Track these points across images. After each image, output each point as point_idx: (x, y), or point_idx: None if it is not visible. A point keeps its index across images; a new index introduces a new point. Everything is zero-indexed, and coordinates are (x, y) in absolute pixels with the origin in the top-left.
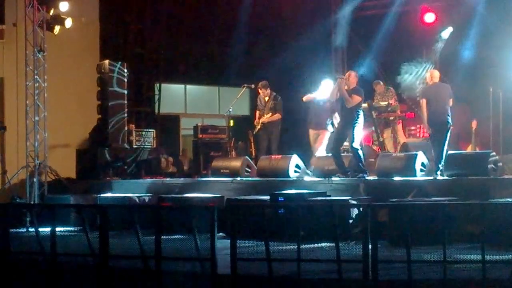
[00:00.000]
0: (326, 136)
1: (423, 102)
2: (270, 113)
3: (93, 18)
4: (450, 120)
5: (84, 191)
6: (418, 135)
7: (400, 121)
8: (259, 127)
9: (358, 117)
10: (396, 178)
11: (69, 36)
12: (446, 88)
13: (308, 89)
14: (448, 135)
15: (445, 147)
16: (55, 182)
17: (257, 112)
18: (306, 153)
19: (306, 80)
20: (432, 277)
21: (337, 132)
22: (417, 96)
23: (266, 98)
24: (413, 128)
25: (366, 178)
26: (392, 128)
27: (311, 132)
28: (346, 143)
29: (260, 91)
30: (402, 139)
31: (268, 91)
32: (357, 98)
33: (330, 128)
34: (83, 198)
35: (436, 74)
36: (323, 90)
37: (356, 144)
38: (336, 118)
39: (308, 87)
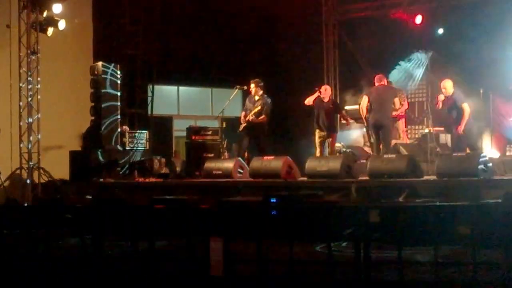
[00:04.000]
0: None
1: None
2: (258, 108)
3: (87, 20)
4: None
5: (77, 192)
6: (409, 136)
7: (403, 120)
8: (244, 125)
9: None
10: (388, 179)
11: (63, 38)
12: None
13: (303, 92)
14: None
15: None
16: (49, 183)
17: (243, 113)
18: (299, 154)
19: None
20: (424, 278)
21: None
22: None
23: (256, 97)
24: (404, 129)
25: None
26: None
27: (318, 133)
28: (338, 145)
29: (252, 86)
30: (405, 138)
31: (261, 92)
32: None
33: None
34: (77, 200)
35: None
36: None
37: None
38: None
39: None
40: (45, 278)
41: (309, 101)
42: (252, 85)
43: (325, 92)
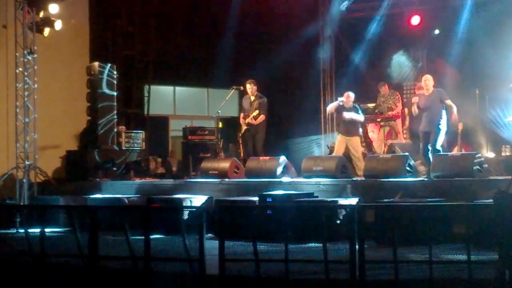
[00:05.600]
0: (359, 142)
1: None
2: (256, 112)
3: (83, 20)
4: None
5: (73, 192)
6: (404, 136)
7: (399, 120)
8: (245, 127)
9: None
10: (383, 179)
11: (59, 38)
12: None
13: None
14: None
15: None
16: (45, 183)
17: (241, 115)
18: (293, 154)
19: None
20: (419, 277)
21: None
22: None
23: (252, 98)
24: (400, 129)
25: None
26: (391, 128)
27: (340, 138)
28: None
29: (249, 87)
30: (401, 139)
31: (256, 91)
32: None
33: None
34: (73, 199)
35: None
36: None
37: None
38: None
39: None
40: (40, 277)
41: (331, 109)
42: (248, 85)
43: (348, 98)
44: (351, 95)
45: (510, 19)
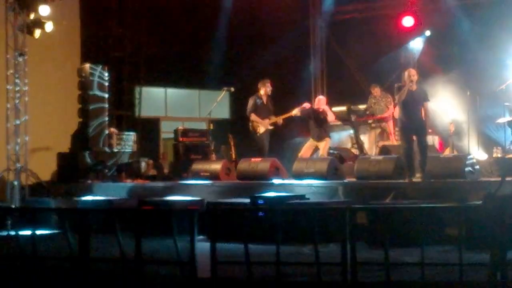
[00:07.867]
0: (327, 144)
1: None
2: (293, 112)
3: (74, 22)
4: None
5: (65, 194)
6: (396, 138)
7: (391, 122)
8: (265, 128)
9: None
10: (375, 181)
11: (50, 40)
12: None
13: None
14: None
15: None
16: (36, 185)
17: (253, 115)
18: (285, 156)
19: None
20: (410, 279)
21: None
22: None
23: (265, 98)
24: (392, 131)
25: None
26: (382, 130)
27: (311, 142)
28: None
29: (267, 88)
30: (392, 140)
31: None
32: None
33: None
34: (64, 201)
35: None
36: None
37: None
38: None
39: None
40: (32, 279)
41: (302, 114)
42: (269, 85)
43: (319, 102)
44: (322, 98)
45: (502, 20)
